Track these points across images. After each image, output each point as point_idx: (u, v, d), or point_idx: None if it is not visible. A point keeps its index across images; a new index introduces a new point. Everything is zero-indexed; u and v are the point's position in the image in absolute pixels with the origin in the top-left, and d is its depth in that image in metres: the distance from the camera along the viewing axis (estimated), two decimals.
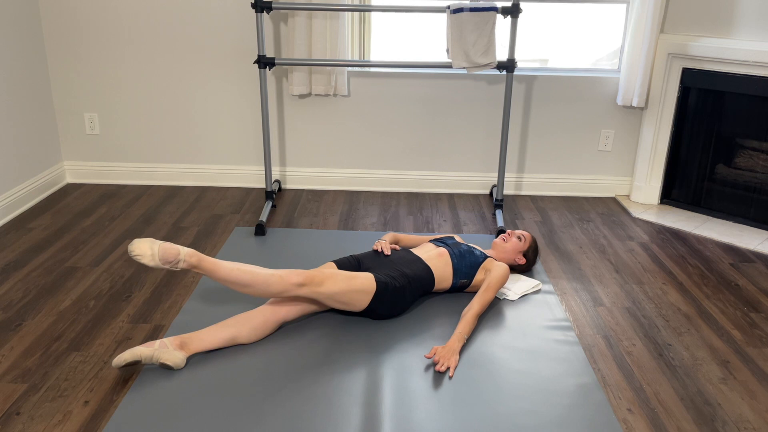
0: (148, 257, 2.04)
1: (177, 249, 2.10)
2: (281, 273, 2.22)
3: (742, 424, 1.98)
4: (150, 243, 2.07)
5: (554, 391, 2.09)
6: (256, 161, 3.94)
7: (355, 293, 2.31)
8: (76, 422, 1.91)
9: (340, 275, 2.30)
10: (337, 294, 2.28)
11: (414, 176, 3.95)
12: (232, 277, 2.16)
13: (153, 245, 2.07)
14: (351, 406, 1.99)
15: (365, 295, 2.32)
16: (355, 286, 2.30)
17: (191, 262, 2.12)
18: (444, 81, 3.76)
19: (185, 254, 2.11)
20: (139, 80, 3.77)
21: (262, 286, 2.18)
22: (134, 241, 2.06)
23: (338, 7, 3.26)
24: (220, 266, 2.16)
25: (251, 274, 2.18)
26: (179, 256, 2.09)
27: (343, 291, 2.28)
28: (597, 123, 3.84)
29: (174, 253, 2.08)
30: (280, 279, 2.20)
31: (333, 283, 2.27)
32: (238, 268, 2.18)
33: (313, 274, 2.25)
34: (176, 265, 2.09)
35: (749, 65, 3.27)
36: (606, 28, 3.78)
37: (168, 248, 2.08)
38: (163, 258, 2.06)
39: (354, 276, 2.32)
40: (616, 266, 3.02)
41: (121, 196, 3.76)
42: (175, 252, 2.08)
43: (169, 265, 2.08)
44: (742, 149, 3.50)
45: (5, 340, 2.32)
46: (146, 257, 2.04)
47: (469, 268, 2.62)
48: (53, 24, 3.66)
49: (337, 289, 2.27)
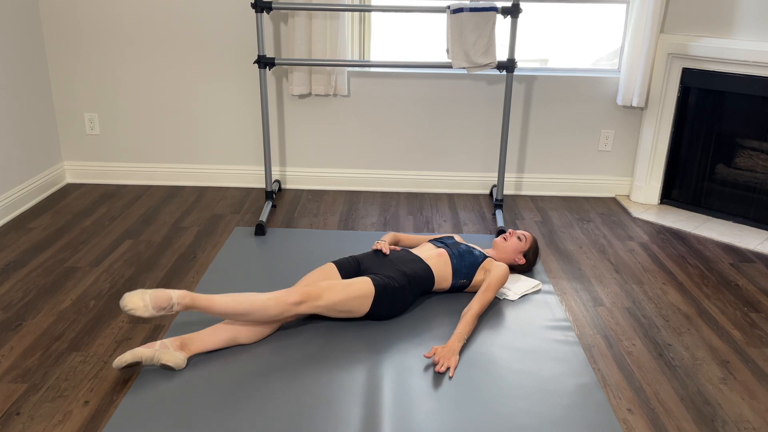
0: (141, 308, 2.02)
1: (168, 294, 2.07)
2: (277, 295, 2.21)
3: (742, 424, 1.98)
4: (141, 294, 2.04)
5: (554, 391, 2.09)
6: (256, 161, 3.94)
7: (355, 300, 2.31)
8: (76, 422, 1.91)
9: (337, 285, 2.29)
10: (336, 304, 2.28)
11: (414, 176, 3.95)
12: (230, 309, 2.15)
13: (144, 296, 2.04)
14: (351, 406, 1.99)
15: (365, 300, 2.33)
16: (353, 293, 2.30)
17: (185, 303, 2.10)
18: (444, 81, 3.76)
19: (177, 297, 2.09)
20: (139, 80, 3.77)
21: (260, 311, 2.18)
22: (125, 296, 2.03)
23: (338, 7, 3.26)
24: (214, 302, 2.14)
25: (248, 302, 2.16)
26: (172, 301, 2.07)
27: (343, 300, 2.28)
28: (597, 123, 3.84)
29: (166, 298, 2.06)
30: (277, 301, 2.19)
31: (331, 294, 2.27)
32: (233, 299, 2.16)
33: (308, 290, 2.24)
34: (171, 310, 2.08)
35: (749, 65, 3.27)
36: (606, 28, 3.78)
37: (159, 296, 2.05)
38: (157, 306, 2.04)
39: (351, 283, 2.32)
40: (616, 266, 3.02)
41: (121, 196, 3.76)
42: (167, 297, 2.06)
43: (164, 311, 2.07)
44: (742, 149, 3.50)
45: (5, 340, 2.32)
46: (140, 309, 2.02)
47: (469, 268, 2.62)
48: (53, 24, 3.66)
49: (336, 299, 2.27)
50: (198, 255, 3.02)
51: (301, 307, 2.23)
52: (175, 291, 2.10)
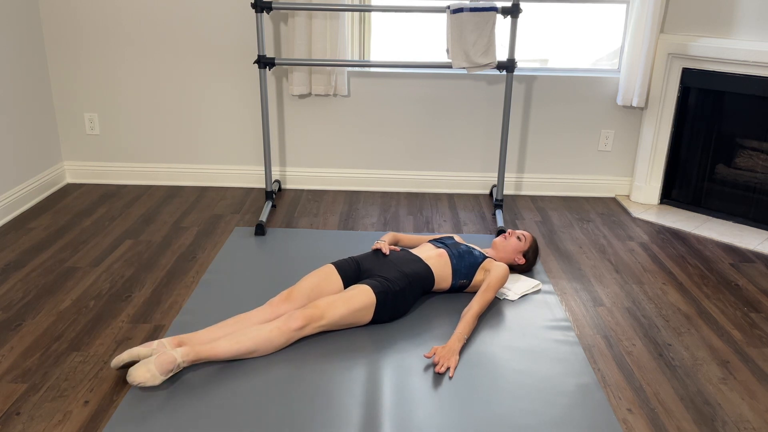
0: (150, 379, 2.01)
1: (172, 356, 2.05)
2: (278, 324, 2.20)
3: (742, 424, 1.98)
4: (145, 366, 2.02)
5: (554, 391, 2.09)
6: (256, 161, 3.94)
7: (357, 312, 2.31)
8: (76, 422, 1.91)
9: (337, 301, 2.28)
10: (339, 320, 2.28)
11: (414, 176, 3.95)
12: (234, 352, 2.13)
13: (148, 366, 2.01)
14: (351, 406, 1.99)
15: (367, 310, 2.33)
16: (355, 306, 2.30)
17: (190, 359, 2.09)
18: (444, 81, 3.76)
19: (181, 356, 2.07)
20: (139, 80, 3.77)
21: (265, 345, 2.18)
22: (129, 372, 2.02)
23: (338, 7, 3.26)
24: (217, 348, 2.12)
25: (251, 340, 2.15)
26: (177, 362, 2.05)
27: (345, 315, 2.28)
28: (597, 123, 3.84)
29: (170, 361, 2.04)
30: (281, 331, 2.19)
31: (333, 311, 2.26)
32: (236, 341, 2.13)
33: (310, 312, 2.24)
34: (179, 368, 2.07)
35: (749, 65, 3.27)
36: (606, 28, 3.78)
37: (163, 361, 2.03)
38: (163, 371, 2.03)
39: (351, 296, 2.31)
40: (616, 266, 3.02)
41: (121, 196, 3.76)
42: (170, 360, 2.04)
43: (173, 372, 2.05)
44: (742, 149, 3.50)
45: (5, 340, 2.32)
46: (149, 380, 2.01)
47: (468, 268, 2.62)
48: (53, 24, 3.66)
49: (338, 315, 2.27)
50: (198, 255, 3.02)
51: (305, 330, 2.23)
52: (176, 350, 2.07)
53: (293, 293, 2.38)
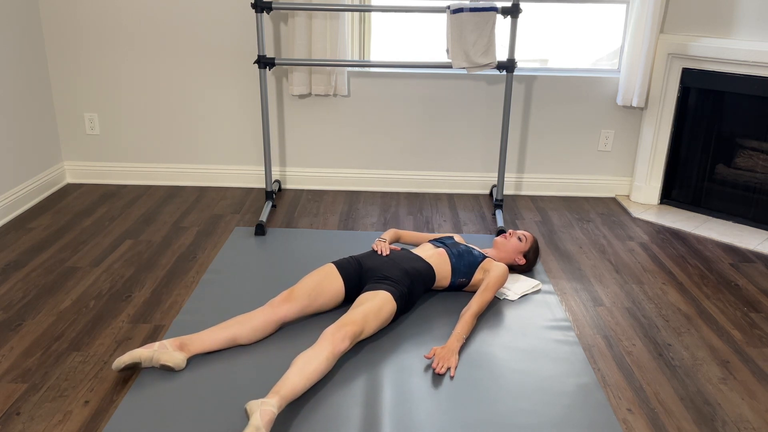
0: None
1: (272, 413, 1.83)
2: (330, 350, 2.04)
3: (742, 424, 1.98)
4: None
5: (554, 391, 2.09)
6: (256, 161, 3.94)
7: (386, 321, 2.33)
8: (76, 422, 1.91)
9: (369, 314, 2.23)
10: (374, 332, 2.28)
11: (414, 176, 3.95)
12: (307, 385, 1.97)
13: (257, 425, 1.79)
14: (351, 406, 1.99)
15: (391, 315, 2.35)
16: (384, 317, 2.30)
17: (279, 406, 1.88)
18: (444, 81, 3.76)
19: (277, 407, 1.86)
20: (139, 80, 3.77)
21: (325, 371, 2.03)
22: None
23: (338, 7, 3.26)
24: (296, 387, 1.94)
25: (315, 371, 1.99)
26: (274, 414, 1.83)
27: (378, 327, 2.29)
28: (597, 123, 3.84)
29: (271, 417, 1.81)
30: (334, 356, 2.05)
31: (369, 325, 2.23)
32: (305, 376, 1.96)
33: (351, 330, 2.13)
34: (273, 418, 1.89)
35: (749, 65, 3.27)
36: (606, 28, 3.78)
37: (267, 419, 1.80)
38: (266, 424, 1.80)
39: (379, 308, 2.28)
40: (616, 266, 3.02)
41: (121, 196, 3.76)
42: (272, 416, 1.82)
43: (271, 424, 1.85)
44: (742, 149, 3.50)
45: (5, 340, 2.32)
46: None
47: (468, 267, 2.62)
48: (53, 24, 3.66)
49: (373, 328, 2.26)
50: (198, 255, 3.02)
51: (349, 346, 2.14)
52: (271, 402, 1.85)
53: (294, 293, 2.37)
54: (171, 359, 2.11)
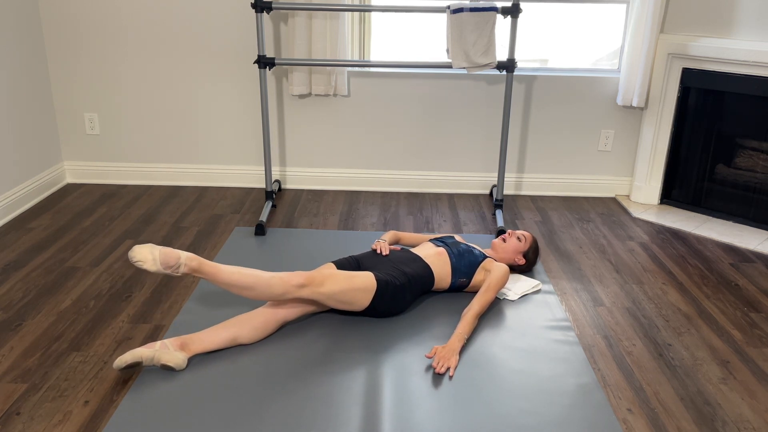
0: (150, 262, 2.07)
1: (177, 253, 2.12)
2: (282, 275, 2.23)
3: (742, 424, 1.98)
4: (150, 248, 2.09)
5: (554, 391, 2.09)
6: (256, 161, 3.94)
7: (356, 292, 2.31)
8: (76, 422, 1.91)
9: (341, 275, 2.31)
10: (337, 293, 2.28)
11: (414, 176, 3.95)
12: (234, 280, 2.17)
13: (153, 250, 2.09)
14: (351, 406, 1.99)
15: (366, 293, 2.33)
16: (355, 285, 2.31)
17: (192, 266, 2.14)
18: (444, 81, 3.76)
19: (185, 258, 2.13)
20: (139, 80, 3.77)
21: (263, 288, 2.20)
22: (134, 247, 2.08)
23: (338, 7, 3.26)
24: (220, 270, 2.17)
25: (253, 276, 2.19)
26: (180, 260, 2.11)
27: (344, 290, 2.29)
28: (597, 123, 3.84)
29: (174, 257, 2.11)
30: (281, 281, 2.21)
31: (333, 282, 2.28)
32: (239, 271, 2.19)
33: (313, 275, 2.26)
34: (177, 270, 2.11)
35: (749, 65, 3.27)
36: (606, 28, 3.78)
37: (168, 252, 2.10)
38: (165, 262, 2.09)
39: (354, 275, 2.33)
40: (616, 266, 3.02)
41: (121, 196, 3.76)
42: (175, 256, 2.11)
43: (171, 270, 2.10)
44: (742, 149, 3.50)
45: (5, 340, 2.32)
46: (148, 262, 2.06)
47: (468, 267, 2.62)
48: (53, 24, 3.66)
49: (337, 288, 2.28)
50: (198, 255, 3.02)
51: (304, 291, 2.24)
52: (183, 252, 2.14)
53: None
54: (172, 359, 2.11)
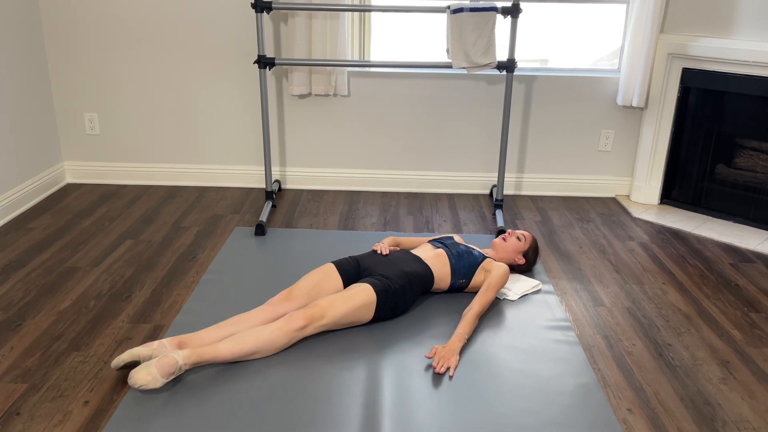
0: (152, 381, 1.98)
1: (173, 359, 2.03)
2: (280, 325, 2.20)
3: (742, 424, 1.98)
4: (146, 368, 1.99)
5: (554, 391, 2.09)
6: (256, 161, 3.94)
7: (358, 310, 2.31)
8: (76, 422, 1.91)
9: (338, 300, 2.29)
10: (340, 319, 2.29)
11: (414, 176, 3.95)
12: (236, 354, 2.13)
13: (149, 369, 1.99)
14: (351, 406, 1.99)
15: (368, 308, 2.33)
16: (356, 304, 2.30)
17: (191, 361, 2.07)
18: (444, 81, 3.76)
19: (183, 359, 2.05)
20: (139, 80, 3.77)
21: (268, 346, 2.17)
22: (131, 374, 1.98)
23: (338, 7, 3.26)
24: (219, 350, 2.10)
25: (252, 341, 2.14)
26: (178, 364, 2.04)
27: (346, 314, 2.29)
28: (597, 123, 3.84)
29: (171, 363, 2.02)
30: (282, 332, 2.19)
31: (334, 310, 2.26)
32: (237, 343, 2.12)
33: (311, 312, 2.23)
34: (180, 371, 2.05)
35: (749, 65, 3.27)
36: (606, 28, 3.78)
37: (164, 363, 2.01)
38: (165, 373, 2.00)
39: (352, 295, 2.31)
40: (616, 266, 3.02)
41: (121, 196, 3.76)
42: (172, 363, 2.02)
43: (174, 375, 2.03)
44: (742, 149, 3.50)
45: (5, 340, 2.32)
46: (150, 383, 1.98)
47: (468, 268, 2.62)
48: (53, 24, 3.66)
49: (339, 314, 2.27)
50: (198, 255, 3.02)
51: (307, 330, 2.23)
52: (178, 353, 2.05)
53: (293, 292, 2.38)
54: None
